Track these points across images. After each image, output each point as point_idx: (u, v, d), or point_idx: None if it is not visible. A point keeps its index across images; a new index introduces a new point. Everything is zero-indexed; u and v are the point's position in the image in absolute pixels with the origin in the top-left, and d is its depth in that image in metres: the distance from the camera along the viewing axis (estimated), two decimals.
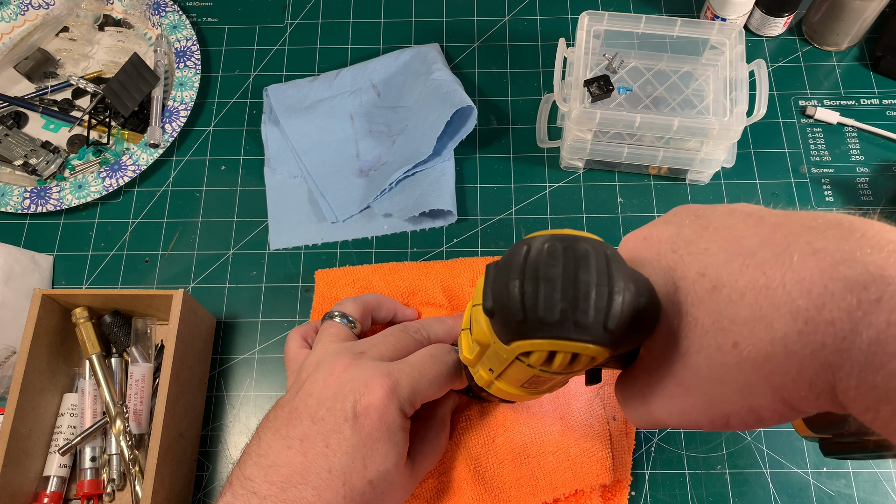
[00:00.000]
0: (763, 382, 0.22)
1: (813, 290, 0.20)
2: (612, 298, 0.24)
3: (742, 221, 0.25)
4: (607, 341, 0.24)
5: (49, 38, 0.66)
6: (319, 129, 0.61)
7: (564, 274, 0.24)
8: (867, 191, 0.58)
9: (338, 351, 0.39)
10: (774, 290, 0.21)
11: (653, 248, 0.27)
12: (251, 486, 0.34)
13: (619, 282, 0.24)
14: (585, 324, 0.24)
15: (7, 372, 0.51)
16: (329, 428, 0.35)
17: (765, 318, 0.21)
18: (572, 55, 0.54)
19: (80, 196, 0.58)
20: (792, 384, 0.21)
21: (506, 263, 0.25)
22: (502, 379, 0.32)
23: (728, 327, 0.23)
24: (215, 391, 0.53)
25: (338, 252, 0.57)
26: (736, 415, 0.24)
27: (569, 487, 0.43)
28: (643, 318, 0.25)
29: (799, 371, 0.21)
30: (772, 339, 0.21)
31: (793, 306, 0.21)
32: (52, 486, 0.48)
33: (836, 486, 0.48)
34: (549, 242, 0.25)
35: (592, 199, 0.58)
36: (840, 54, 0.64)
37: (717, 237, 0.25)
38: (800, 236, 0.22)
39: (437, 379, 0.39)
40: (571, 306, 0.23)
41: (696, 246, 0.25)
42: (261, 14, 0.68)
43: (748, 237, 0.24)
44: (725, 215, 0.26)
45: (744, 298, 0.22)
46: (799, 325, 0.20)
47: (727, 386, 0.23)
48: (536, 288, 0.24)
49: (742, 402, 0.23)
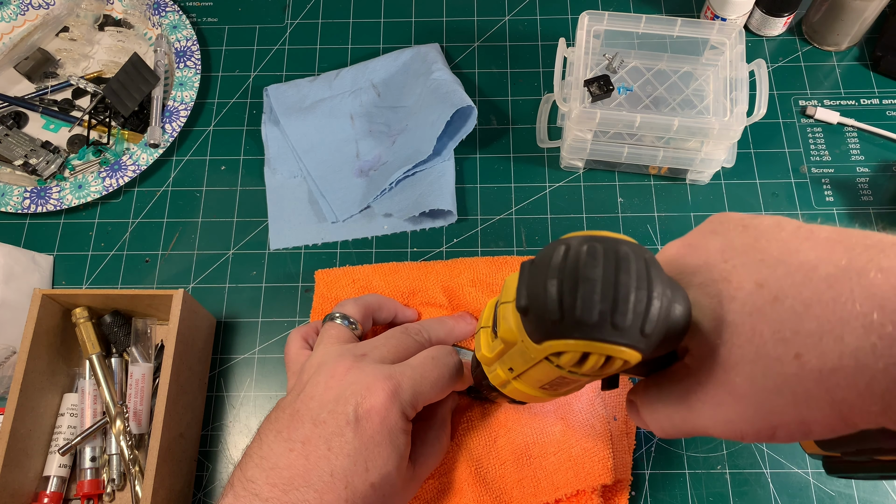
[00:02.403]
0: (824, 395, 0.22)
1: (887, 306, 0.20)
2: (650, 303, 0.24)
3: (793, 235, 0.25)
4: (643, 346, 0.24)
5: (49, 38, 0.66)
6: (319, 129, 0.61)
7: (605, 275, 0.24)
8: (867, 191, 0.58)
9: (339, 353, 0.39)
10: (844, 303, 0.21)
11: (701, 256, 0.27)
12: (253, 488, 0.34)
13: (657, 287, 0.24)
14: (623, 326, 0.23)
15: (7, 372, 0.51)
16: (331, 431, 0.35)
17: (833, 331, 0.21)
18: (572, 55, 0.54)
19: (80, 196, 0.58)
20: (857, 398, 0.21)
21: (543, 262, 0.25)
22: (522, 379, 0.32)
23: (790, 338, 0.22)
24: (215, 391, 0.53)
25: (338, 252, 0.57)
26: (785, 427, 0.24)
27: (570, 488, 0.43)
28: (677, 326, 0.25)
29: (868, 385, 0.21)
30: (841, 352, 0.21)
31: (865, 320, 0.21)
32: (52, 486, 0.48)
33: (836, 486, 0.48)
34: (588, 243, 0.25)
35: (592, 199, 0.58)
36: (840, 54, 0.64)
37: (771, 248, 0.25)
38: (859, 253, 0.22)
39: (438, 381, 0.39)
40: (611, 308, 0.23)
41: (749, 257, 0.25)
42: (261, 14, 0.68)
43: (804, 251, 0.24)
44: (774, 227, 0.26)
45: (809, 310, 0.22)
46: (872, 338, 0.20)
47: (783, 397, 0.23)
48: (575, 288, 0.24)
49: (795, 414, 0.23)
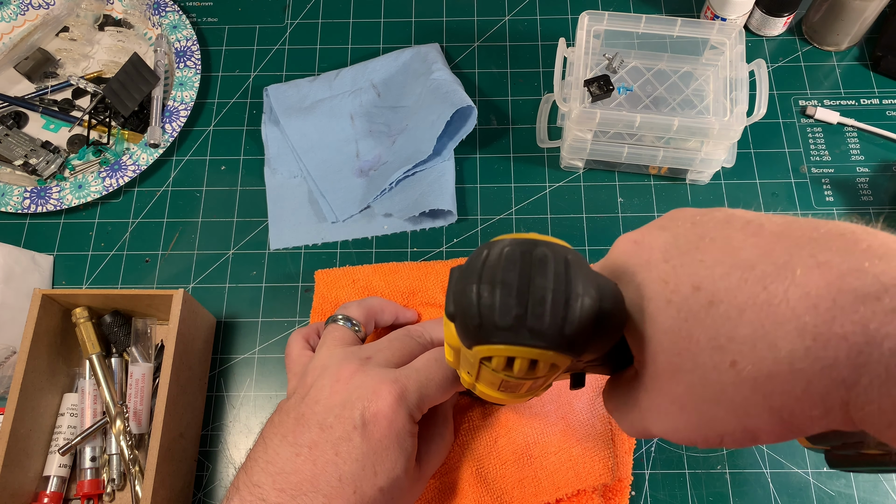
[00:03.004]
0: (761, 403, 0.21)
1: (820, 305, 0.19)
2: (569, 304, 0.23)
3: (740, 230, 0.24)
4: (565, 347, 0.24)
5: (49, 38, 0.66)
6: (319, 129, 0.61)
7: (520, 279, 0.23)
8: (867, 191, 0.58)
9: (343, 356, 0.39)
10: (777, 305, 0.20)
11: (644, 255, 0.26)
12: (260, 493, 0.34)
13: (577, 287, 0.23)
14: (540, 329, 0.23)
15: (7, 372, 0.51)
16: (338, 436, 0.35)
17: (767, 336, 0.20)
18: (572, 55, 0.54)
19: (80, 196, 0.58)
20: (795, 404, 0.20)
21: (467, 268, 0.25)
22: (480, 382, 0.31)
23: (725, 345, 0.21)
24: (215, 391, 0.53)
25: (338, 252, 0.57)
26: (730, 435, 0.23)
27: (571, 487, 0.43)
28: (606, 325, 0.24)
29: (805, 390, 0.20)
30: (775, 358, 0.20)
31: (798, 322, 0.20)
32: (52, 486, 0.48)
33: (836, 486, 0.48)
34: (508, 247, 0.24)
35: (592, 199, 0.58)
36: (840, 54, 0.64)
37: (713, 247, 0.23)
38: (801, 248, 0.21)
39: (443, 383, 0.39)
40: (526, 311, 0.23)
41: (690, 256, 0.24)
42: (261, 14, 0.68)
43: (747, 248, 0.22)
44: (723, 223, 0.24)
45: (743, 315, 0.21)
46: (806, 341, 0.19)
47: (722, 406, 0.22)
48: (493, 292, 0.24)
49: (737, 422, 0.22)
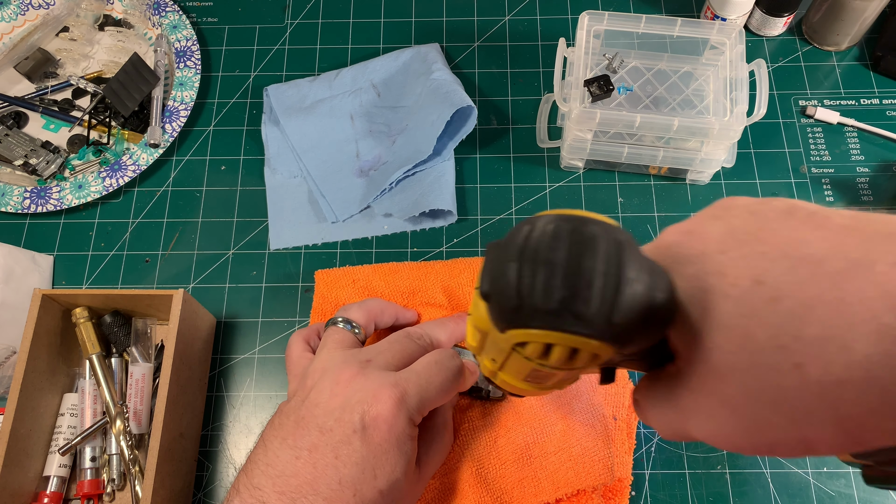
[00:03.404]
0: (826, 411, 0.19)
1: None
2: (620, 289, 0.21)
3: (804, 222, 0.21)
4: (610, 337, 0.22)
5: (49, 38, 0.66)
6: (319, 129, 0.61)
7: (567, 259, 0.21)
8: (867, 191, 0.58)
9: (343, 358, 0.39)
10: (851, 304, 0.18)
11: (697, 245, 0.23)
12: (260, 496, 0.34)
13: (630, 271, 0.21)
14: (586, 315, 0.21)
15: (7, 372, 0.51)
16: (338, 439, 0.35)
17: (839, 337, 0.18)
18: (572, 55, 0.54)
19: (80, 196, 0.58)
20: (867, 415, 0.19)
21: (506, 244, 0.23)
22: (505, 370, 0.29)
23: (789, 345, 0.19)
24: (215, 391, 0.53)
25: (338, 252, 0.57)
26: (784, 444, 0.21)
27: (571, 487, 0.43)
28: (656, 316, 0.22)
29: (881, 399, 0.18)
30: (847, 362, 0.18)
31: (877, 324, 0.18)
32: (52, 486, 0.48)
33: (836, 486, 0.48)
34: (553, 223, 0.22)
35: (592, 199, 0.58)
36: (840, 54, 0.64)
37: (776, 239, 0.21)
38: (877, 243, 0.19)
39: (443, 385, 0.39)
40: (572, 294, 0.21)
41: (750, 248, 0.21)
42: (261, 14, 0.68)
43: (814, 241, 0.20)
44: (785, 214, 0.22)
45: (812, 313, 0.19)
46: (886, 345, 0.18)
47: (780, 411, 0.20)
48: (534, 272, 0.21)
49: (795, 431, 0.20)
